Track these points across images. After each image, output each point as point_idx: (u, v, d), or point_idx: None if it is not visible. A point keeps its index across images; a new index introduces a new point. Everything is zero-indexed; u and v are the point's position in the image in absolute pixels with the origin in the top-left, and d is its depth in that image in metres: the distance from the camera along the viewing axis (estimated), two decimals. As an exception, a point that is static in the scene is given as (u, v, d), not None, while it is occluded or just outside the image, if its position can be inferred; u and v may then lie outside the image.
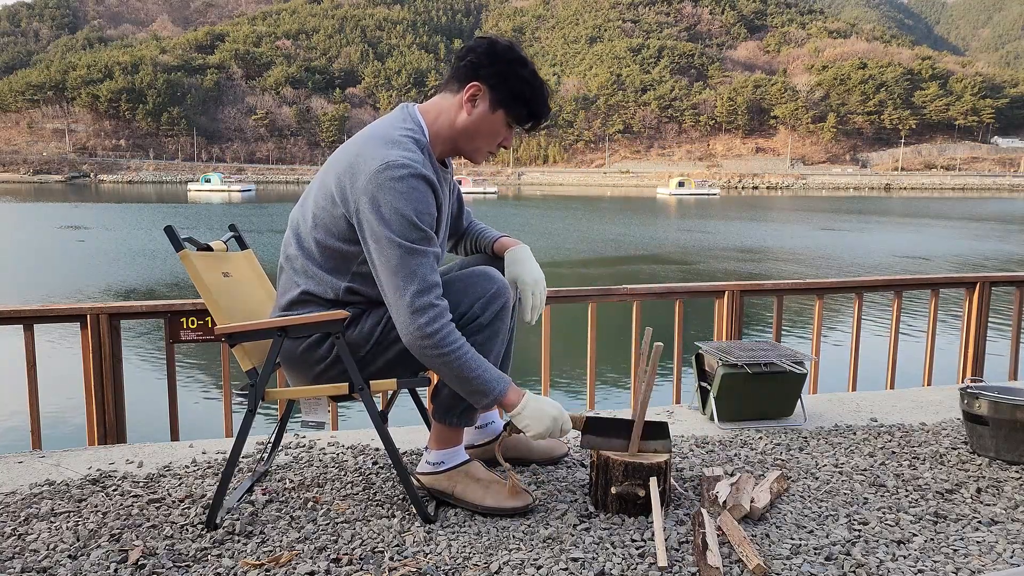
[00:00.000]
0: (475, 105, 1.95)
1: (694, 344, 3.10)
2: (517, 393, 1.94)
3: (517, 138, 2.32)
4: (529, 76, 1.95)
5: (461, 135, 1.98)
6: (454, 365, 1.85)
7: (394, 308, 1.85)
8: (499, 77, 1.93)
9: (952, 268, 18.17)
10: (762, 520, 1.99)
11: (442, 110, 1.99)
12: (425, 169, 1.87)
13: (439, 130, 1.99)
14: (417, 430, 2.75)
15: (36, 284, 14.46)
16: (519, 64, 1.95)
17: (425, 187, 1.86)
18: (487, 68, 1.93)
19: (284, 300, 2.04)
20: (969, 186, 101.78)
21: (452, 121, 1.97)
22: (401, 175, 1.82)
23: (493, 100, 1.94)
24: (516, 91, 1.94)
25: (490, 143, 2.01)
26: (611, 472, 2.01)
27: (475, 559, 1.77)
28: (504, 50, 1.94)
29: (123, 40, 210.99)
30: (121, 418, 2.95)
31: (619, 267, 17.87)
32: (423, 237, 1.84)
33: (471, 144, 2.01)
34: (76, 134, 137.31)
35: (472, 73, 1.94)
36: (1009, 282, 4.00)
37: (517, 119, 1.99)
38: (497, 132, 1.99)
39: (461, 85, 1.95)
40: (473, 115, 1.95)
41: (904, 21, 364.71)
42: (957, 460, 2.49)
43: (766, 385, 2.83)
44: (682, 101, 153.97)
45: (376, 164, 1.83)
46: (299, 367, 2.06)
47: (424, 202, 1.85)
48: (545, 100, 1.99)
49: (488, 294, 1.95)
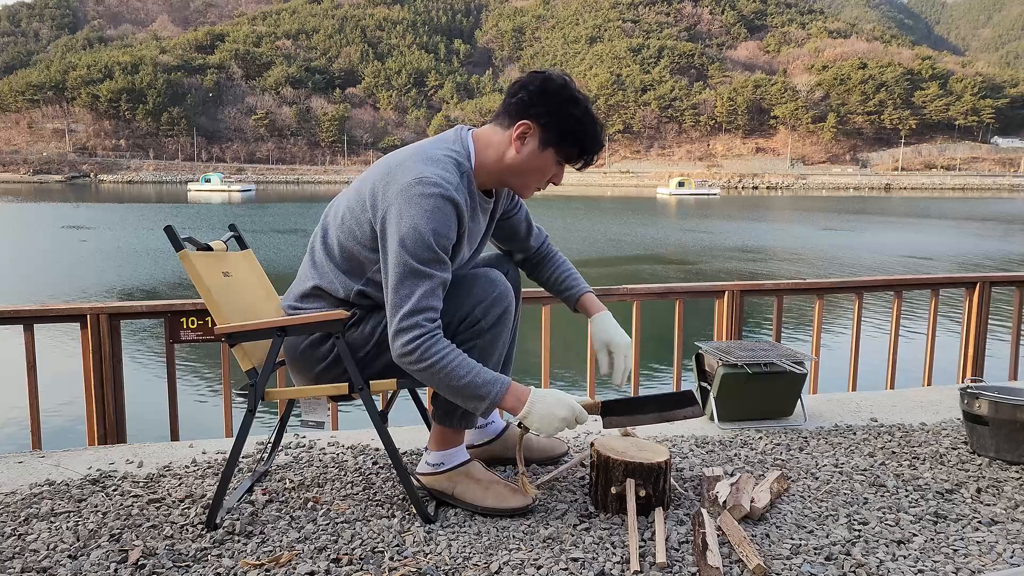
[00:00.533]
0: (524, 143, 1.92)
1: (694, 344, 3.10)
2: (520, 394, 1.87)
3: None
4: (581, 115, 1.91)
5: (508, 171, 1.96)
6: (440, 375, 1.82)
7: (388, 320, 1.86)
8: (550, 116, 1.89)
9: (954, 268, 18.17)
10: (762, 520, 1.99)
11: (491, 142, 1.96)
12: (456, 193, 1.85)
13: (485, 161, 1.96)
14: (417, 430, 2.75)
15: (38, 284, 14.46)
16: (571, 103, 1.90)
17: (450, 210, 1.83)
18: (538, 106, 1.90)
19: (297, 290, 2.07)
20: (969, 186, 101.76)
21: (500, 156, 1.95)
22: (430, 192, 1.81)
23: (543, 139, 1.91)
24: (567, 130, 1.91)
25: (539, 180, 1.99)
26: (611, 472, 2.01)
27: (475, 559, 1.77)
28: (557, 88, 1.90)
29: (123, 40, 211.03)
30: (121, 418, 2.95)
31: (619, 267, 17.86)
32: (433, 259, 1.82)
33: (518, 180, 1.99)
34: (76, 134, 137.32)
35: (523, 111, 1.91)
36: (1009, 282, 4.00)
37: (567, 157, 1.95)
38: (546, 169, 1.96)
39: (512, 121, 1.93)
40: (522, 153, 1.93)
41: (904, 21, 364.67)
42: (957, 460, 2.49)
43: (766, 385, 2.83)
44: (682, 101, 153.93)
45: (410, 177, 1.84)
46: (301, 365, 2.08)
47: (445, 224, 1.82)
48: (597, 138, 1.95)
49: (490, 298, 1.94)
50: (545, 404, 1.87)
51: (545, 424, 1.87)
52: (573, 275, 2.33)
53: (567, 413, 1.88)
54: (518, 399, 1.87)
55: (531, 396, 1.88)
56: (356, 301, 1.98)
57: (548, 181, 2.01)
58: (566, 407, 1.88)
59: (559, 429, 1.88)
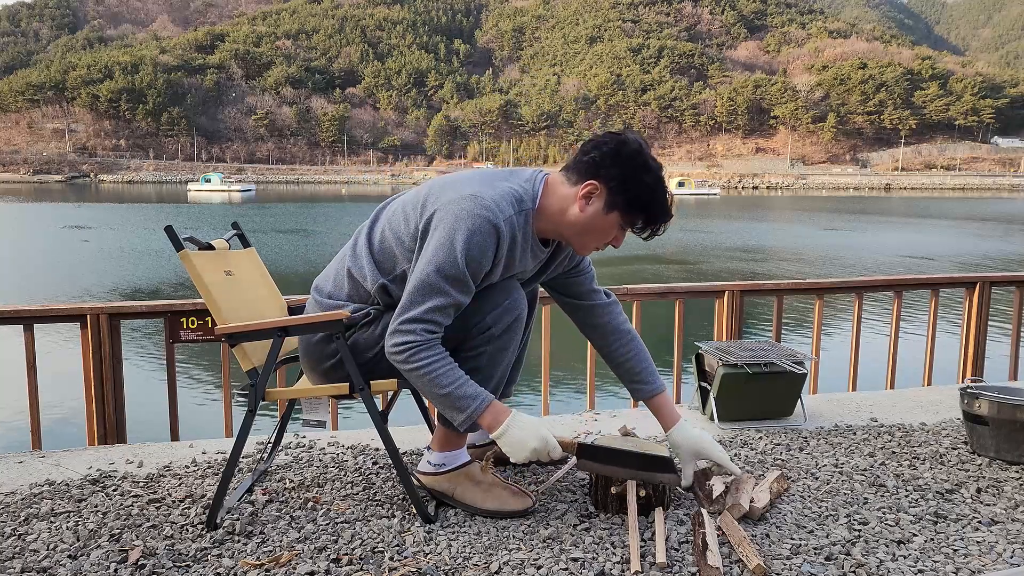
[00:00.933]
0: (589, 203, 1.89)
1: (694, 344, 3.10)
2: (499, 414, 1.86)
3: (516, 138, 2.30)
4: (652, 183, 1.87)
5: (569, 227, 1.93)
6: (424, 380, 1.83)
7: (394, 316, 1.87)
8: (619, 180, 1.86)
9: (954, 268, 18.18)
10: (762, 520, 1.99)
11: (557, 193, 1.93)
12: (504, 224, 1.84)
13: (548, 210, 1.93)
14: (417, 430, 2.75)
15: (41, 284, 14.46)
16: (643, 170, 1.87)
17: (492, 237, 1.82)
18: (609, 169, 1.86)
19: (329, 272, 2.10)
20: (969, 186, 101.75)
21: (563, 210, 1.91)
22: (478, 212, 1.81)
23: (609, 202, 1.88)
24: (635, 197, 1.87)
25: (599, 241, 1.95)
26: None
27: (475, 559, 1.77)
28: (631, 153, 1.87)
29: (123, 40, 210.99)
30: (121, 418, 2.95)
31: (619, 267, 17.86)
32: (457, 279, 1.81)
33: (578, 239, 1.96)
34: (76, 134, 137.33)
35: (593, 171, 1.88)
36: (1009, 282, 4.00)
37: (631, 223, 1.91)
38: (608, 232, 1.92)
39: (581, 179, 1.89)
40: (586, 212, 1.89)
41: (904, 21, 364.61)
42: (957, 460, 2.49)
43: (766, 385, 2.83)
44: (682, 101, 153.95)
45: (467, 191, 1.85)
46: (311, 360, 2.09)
47: (480, 249, 1.81)
48: (665, 208, 1.90)
49: (501, 306, 1.94)
50: (520, 431, 1.86)
51: (515, 449, 1.86)
52: (648, 367, 2.24)
53: (539, 445, 1.85)
54: (496, 418, 1.86)
55: (509, 419, 1.86)
56: (377, 295, 1.98)
57: (608, 243, 1.97)
58: (539, 439, 1.86)
59: (528, 459, 1.87)
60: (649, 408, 2.23)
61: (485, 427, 1.87)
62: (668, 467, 2.01)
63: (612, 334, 2.23)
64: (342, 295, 2.04)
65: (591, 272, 2.24)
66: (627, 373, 2.23)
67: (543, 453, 1.87)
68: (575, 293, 2.23)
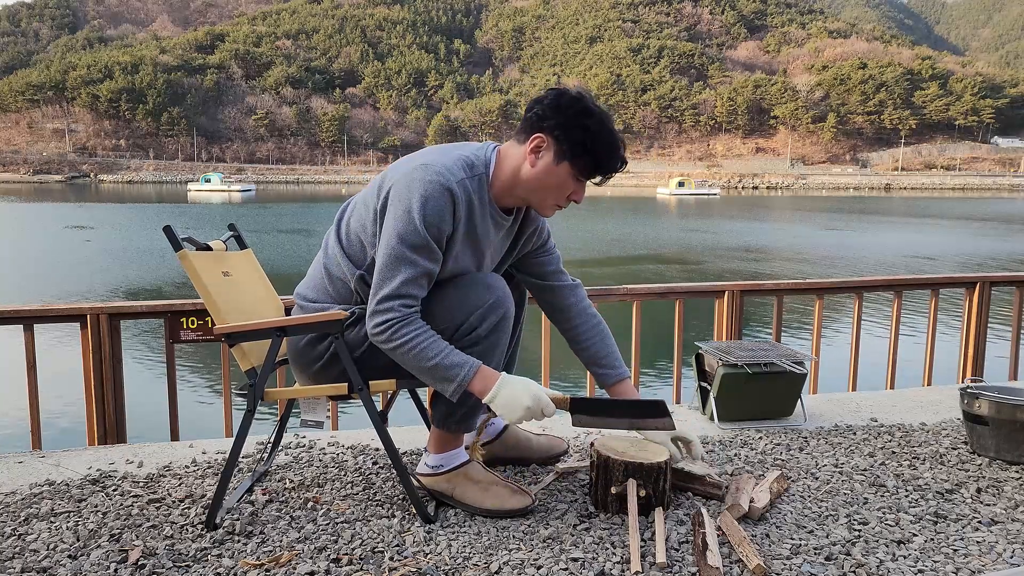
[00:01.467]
0: (539, 157, 1.91)
1: (694, 344, 3.10)
2: (489, 378, 1.86)
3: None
4: (595, 127, 1.89)
5: (524, 186, 1.95)
6: (409, 356, 1.83)
7: (368, 300, 1.88)
8: (562, 128, 1.88)
9: (955, 268, 18.17)
10: (762, 520, 1.99)
11: (510, 156, 1.96)
12: (457, 186, 1.86)
13: (502, 175, 1.96)
14: (417, 430, 2.75)
15: (43, 284, 14.46)
16: (584, 115, 1.88)
17: (447, 199, 1.84)
18: (551, 119, 1.89)
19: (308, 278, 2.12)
20: (969, 186, 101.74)
21: (516, 170, 1.94)
22: (429, 179, 1.83)
23: (557, 152, 1.89)
24: (580, 142, 1.88)
25: (557, 196, 1.96)
26: (611, 472, 2.01)
27: (475, 559, 1.77)
28: (569, 101, 1.89)
29: (123, 40, 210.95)
30: (121, 418, 2.95)
31: (619, 267, 17.86)
32: (421, 246, 1.83)
33: (536, 196, 1.97)
34: (76, 134, 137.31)
35: (537, 124, 1.91)
36: (1009, 282, 4.00)
37: (582, 171, 1.92)
38: (563, 185, 1.93)
39: (527, 136, 1.93)
40: (537, 167, 1.91)
41: (904, 21, 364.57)
42: (957, 460, 2.49)
43: (766, 385, 2.83)
44: (682, 101, 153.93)
45: (416, 163, 1.88)
46: (300, 363, 2.09)
47: (438, 213, 1.83)
48: (614, 151, 1.91)
49: (486, 305, 1.93)
50: (511, 390, 1.85)
51: (508, 411, 1.84)
52: (612, 352, 2.22)
53: (531, 403, 1.84)
54: (486, 383, 1.86)
55: (499, 381, 1.86)
56: (358, 288, 1.99)
57: (569, 199, 1.97)
58: (531, 397, 1.85)
59: (523, 418, 1.85)
60: (614, 395, 2.22)
61: (476, 393, 1.86)
62: (661, 411, 1.98)
63: (578, 316, 2.23)
64: (326, 297, 2.05)
65: (556, 254, 2.26)
66: (592, 357, 2.22)
67: (536, 411, 1.85)
68: (541, 273, 2.24)
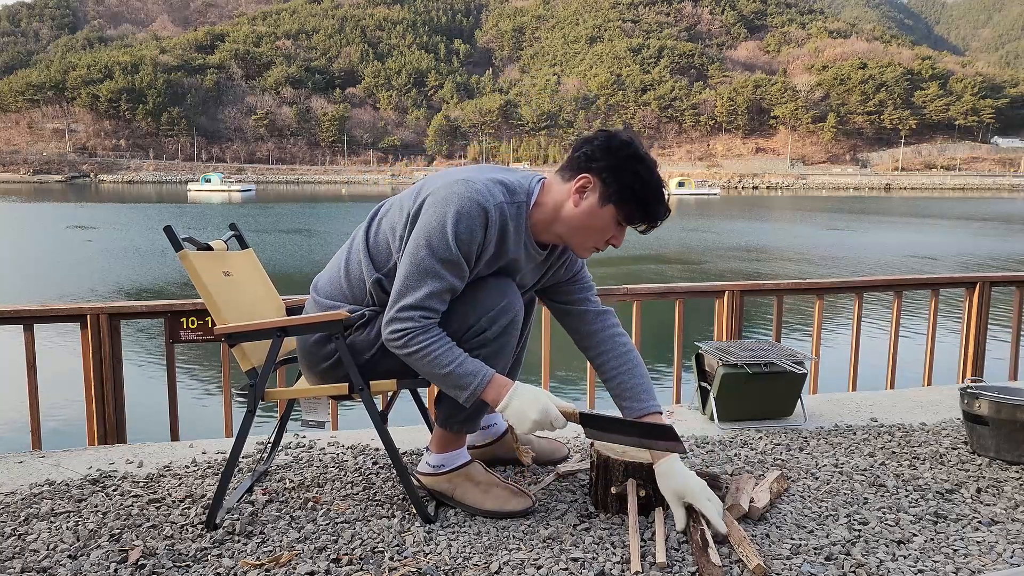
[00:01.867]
0: (583, 197, 1.88)
1: (694, 344, 3.10)
2: (502, 387, 1.85)
3: (516, 138, 2.30)
4: (645, 173, 1.86)
5: (565, 225, 1.91)
6: (424, 362, 1.83)
7: (388, 306, 1.87)
8: (612, 171, 1.85)
9: (956, 268, 18.17)
10: (762, 520, 1.99)
11: (554, 192, 1.92)
12: (494, 209, 1.83)
13: (544, 209, 1.92)
14: (417, 430, 2.75)
15: (43, 284, 14.46)
16: (635, 160, 1.86)
17: (481, 219, 1.82)
18: (601, 161, 1.86)
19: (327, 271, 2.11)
20: (969, 186, 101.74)
21: (558, 208, 1.90)
22: (467, 195, 1.81)
23: (603, 194, 1.86)
24: (628, 187, 1.85)
25: (597, 239, 1.92)
26: (611, 472, 2.01)
27: (475, 559, 1.77)
28: (620, 144, 1.87)
29: (123, 40, 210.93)
30: (121, 418, 2.95)
31: (619, 267, 17.86)
32: (450, 261, 1.81)
33: (575, 237, 1.93)
34: (76, 134, 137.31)
35: (585, 164, 1.88)
36: (1009, 282, 4.00)
37: (628, 217, 1.88)
38: (605, 228, 1.90)
39: (573, 174, 1.89)
40: (581, 207, 1.88)
41: (904, 21, 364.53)
42: (957, 460, 2.49)
43: (766, 385, 2.83)
44: (682, 101, 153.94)
45: (459, 177, 1.86)
46: (308, 361, 2.09)
47: (469, 229, 1.81)
48: (661, 199, 1.88)
49: (496, 308, 1.92)
50: (521, 402, 1.84)
51: (517, 422, 1.84)
52: (642, 383, 2.09)
53: (539, 416, 1.82)
54: (499, 392, 1.85)
55: (510, 391, 1.85)
56: (373, 291, 1.98)
57: (607, 242, 1.94)
58: (539, 410, 1.83)
59: (531, 430, 1.85)
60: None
61: (490, 402, 1.86)
62: (670, 435, 1.91)
63: (603, 343, 2.13)
64: (338, 295, 2.04)
65: (588, 282, 2.19)
66: (617, 389, 2.10)
67: (545, 423, 1.84)
68: (565, 299, 2.18)
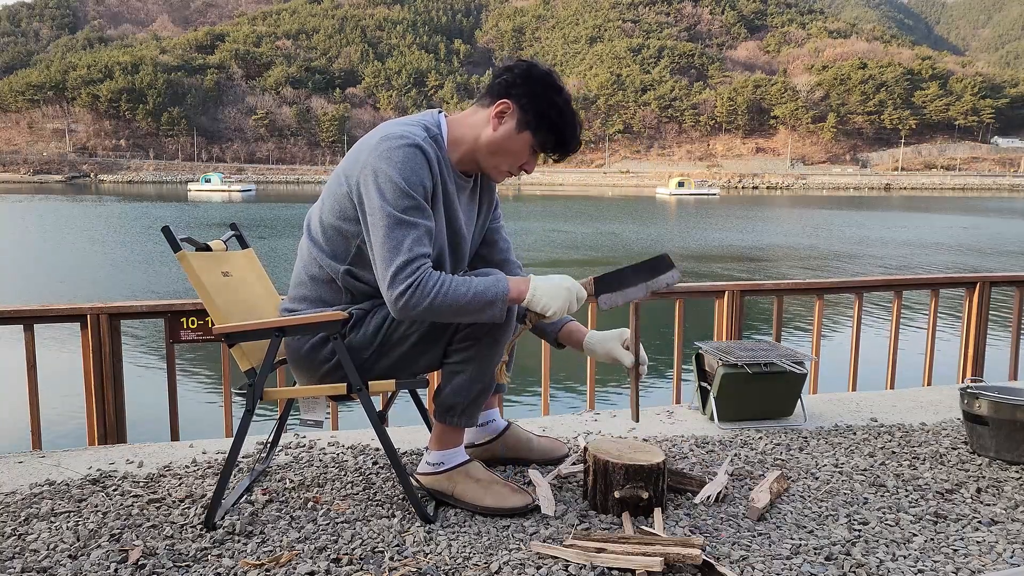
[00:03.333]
0: (502, 122, 1.95)
1: (694, 344, 3.10)
2: (521, 283, 1.90)
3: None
4: (562, 104, 1.94)
5: (483, 149, 1.98)
6: (444, 304, 1.82)
7: (379, 280, 1.86)
8: (531, 98, 1.93)
9: (957, 268, 18.17)
10: (762, 520, 1.99)
11: (469, 121, 2.00)
12: (425, 143, 1.89)
13: (461, 137, 2.00)
14: (417, 430, 2.75)
15: (43, 284, 14.45)
16: (554, 90, 1.94)
17: (420, 157, 1.87)
18: (520, 88, 1.93)
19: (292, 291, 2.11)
20: (969, 186, 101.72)
21: (477, 134, 1.98)
22: (397, 145, 1.86)
23: (520, 121, 1.94)
24: (545, 115, 1.93)
25: (511, 163, 2.00)
26: (611, 475, 2.01)
27: (475, 559, 1.77)
28: (541, 75, 1.95)
29: (123, 40, 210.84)
30: (121, 418, 2.95)
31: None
32: (413, 206, 1.85)
33: (491, 160, 2.00)
34: (76, 134, 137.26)
35: (504, 90, 1.95)
36: (1009, 282, 4.00)
37: (542, 144, 1.97)
38: (520, 153, 1.98)
39: (492, 100, 1.97)
40: (499, 132, 1.96)
41: (904, 21, 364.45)
42: (957, 460, 2.49)
43: (766, 385, 2.83)
44: (682, 101, 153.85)
45: (376, 138, 1.90)
46: (304, 367, 2.07)
47: (417, 172, 1.86)
48: (575, 131, 1.97)
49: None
50: (549, 281, 1.91)
51: (553, 298, 1.89)
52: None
53: (569, 283, 1.91)
54: (519, 288, 1.90)
55: (532, 281, 1.91)
56: (346, 285, 1.99)
57: (521, 168, 2.03)
58: (566, 279, 1.92)
59: (566, 300, 1.90)
60: (563, 341, 2.25)
61: (516, 298, 1.89)
62: (668, 264, 2.05)
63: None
64: (317, 304, 2.04)
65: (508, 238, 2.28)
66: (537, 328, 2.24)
67: (574, 293, 1.91)
68: (495, 260, 2.25)
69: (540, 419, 2.99)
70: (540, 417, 3.06)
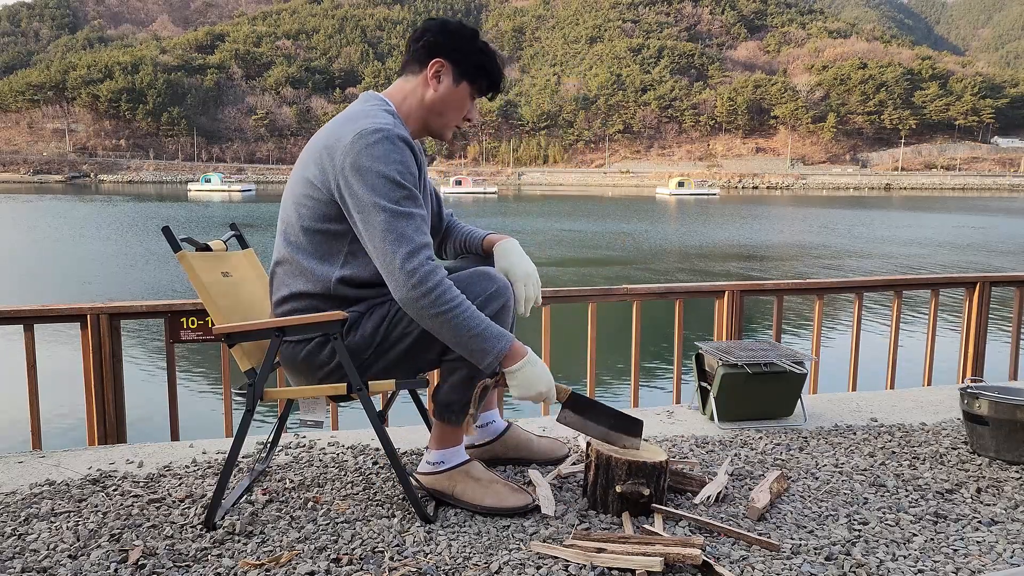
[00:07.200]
0: (440, 80, 2.03)
1: (694, 344, 3.10)
2: (520, 351, 1.91)
3: (516, 138, 2.32)
4: (483, 47, 2.06)
5: (430, 111, 2.05)
6: (453, 324, 1.82)
7: (387, 274, 1.84)
8: (459, 52, 2.03)
9: (957, 268, 18.18)
10: (762, 520, 1.99)
11: (407, 91, 2.06)
12: (399, 130, 1.91)
13: (408, 110, 2.05)
14: (417, 430, 2.75)
15: (43, 284, 14.45)
16: (472, 38, 2.05)
17: (403, 146, 1.89)
18: (445, 45, 2.02)
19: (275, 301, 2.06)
20: (969, 186, 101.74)
21: (420, 99, 2.04)
22: (376, 139, 1.86)
23: (456, 74, 2.04)
24: (476, 62, 2.05)
25: (457, 117, 2.09)
26: (613, 471, 2.01)
27: (475, 559, 1.77)
28: (458, 27, 2.06)
29: (123, 40, 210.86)
30: (121, 418, 2.95)
31: (619, 267, 17.86)
32: (407, 196, 1.86)
33: (440, 120, 2.07)
34: (76, 134, 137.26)
35: (433, 51, 2.02)
36: (1009, 282, 4.00)
37: (479, 89, 2.09)
38: (463, 104, 2.08)
39: (423, 65, 2.04)
40: (440, 90, 2.03)
41: (904, 21, 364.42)
42: (957, 460, 2.49)
43: (766, 385, 2.83)
44: (682, 101, 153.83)
45: (349, 137, 1.88)
46: (302, 373, 2.06)
47: (403, 162, 1.88)
48: (500, 68, 2.10)
49: (487, 293, 1.94)
50: (535, 371, 1.92)
51: (524, 388, 1.91)
52: (473, 228, 2.31)
53: (544, 389, 1.93)
54: (514, 354, 1.91)
55: (527, 358, 1.91)
56: (339, 292, 1.97)
57: (465, 119, 2.11)
58: (546, 384, 1.93)
59: (536, 395, 1.93)
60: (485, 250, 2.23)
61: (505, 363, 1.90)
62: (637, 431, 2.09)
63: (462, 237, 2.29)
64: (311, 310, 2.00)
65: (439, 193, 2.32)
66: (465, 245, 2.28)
67: (549, 395, 1.95)
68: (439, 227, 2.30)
69: (540, 419, 2.99)
70: (540, 417, 3.06)
